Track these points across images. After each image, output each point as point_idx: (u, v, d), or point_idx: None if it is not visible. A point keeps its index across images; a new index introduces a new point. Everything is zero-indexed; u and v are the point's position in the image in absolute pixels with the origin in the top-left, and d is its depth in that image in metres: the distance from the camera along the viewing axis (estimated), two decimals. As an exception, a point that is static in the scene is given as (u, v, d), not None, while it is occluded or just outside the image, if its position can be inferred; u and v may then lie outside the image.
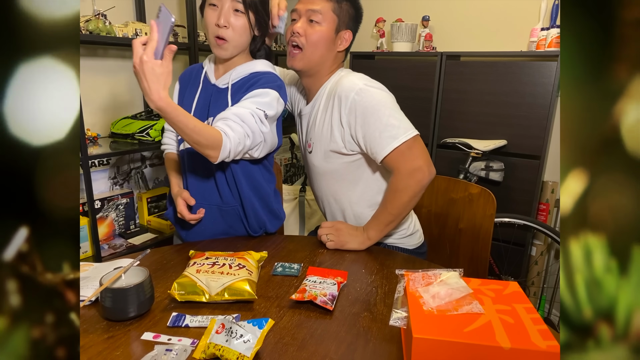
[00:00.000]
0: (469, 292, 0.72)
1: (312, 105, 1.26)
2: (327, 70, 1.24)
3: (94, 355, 0.70)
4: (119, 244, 1.91)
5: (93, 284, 0.90)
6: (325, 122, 1.20)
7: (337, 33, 1.19)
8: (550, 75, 1.92)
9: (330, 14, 1.17)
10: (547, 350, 0.58)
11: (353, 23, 1.22)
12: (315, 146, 1.24)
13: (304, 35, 1.17)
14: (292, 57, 1.21)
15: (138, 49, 0.87)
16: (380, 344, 0.75)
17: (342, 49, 1.22)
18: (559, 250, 2.22)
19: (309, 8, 1.17)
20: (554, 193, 2.18)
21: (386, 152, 1.10)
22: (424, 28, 2.31)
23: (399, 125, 1.10)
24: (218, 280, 0.86)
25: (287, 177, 2.69)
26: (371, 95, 1.12)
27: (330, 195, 1.30)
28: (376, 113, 1.11)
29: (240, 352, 0.67)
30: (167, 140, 1.34)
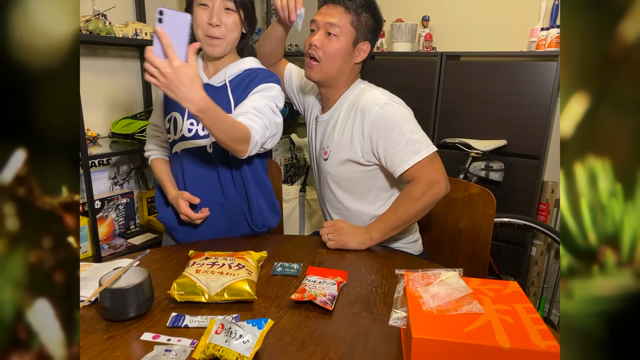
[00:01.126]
0: (468, 292, 0.72)
1: (331, 113, 1.28)
2: (345, 82, 1.25)
3: (93, 356, 0.70)
4: (119, 244, 1.91)
5: (92, 284, 0.90)
6: (345, 131, 1.21)
7: (354, 46, 1.20)
8: (550, 75, 1.92)
9: (348, 27, 1.17)
10: (547, 351, 0.58)
11: (372, 34, 1.22)
12: (332, 154, 1.25)
13: (321, 48, 1.18)
14: (309, 69, 1.22)
15: (156, 60, 0.81)
16: (380, 344, 0.75)
17: (359, 60, 1.23)
18: (559, 250, 2.22)
19: (327, 21, 1.17)
20: (554, 193, 2.18)
21: (407, 166, 1.13)
22: (424, 28, 2.31)
23: (421, 141, 1.14)
24: (217, 281, 0.86)
25: (287, 177, 2.69)
26: (395, 110, 1.15)
27: (340, 203, 1.31)
28: (399, 127, 1.13)
29: (239, 353, 0.66)
30: (151, 146, 1.32)
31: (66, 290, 0.48)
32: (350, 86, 1.26)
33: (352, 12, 1.17)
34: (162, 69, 0.82)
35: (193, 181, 1.21)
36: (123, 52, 2.00)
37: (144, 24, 1.83)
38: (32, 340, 0.47)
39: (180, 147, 1.21)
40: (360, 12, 1.17)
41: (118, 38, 1.70)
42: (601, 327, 0.43)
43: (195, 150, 1.19)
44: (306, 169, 2.40)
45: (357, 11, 1.17)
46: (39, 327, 0.47)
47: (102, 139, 1.93)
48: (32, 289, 0.47)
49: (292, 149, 2.52)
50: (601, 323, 0.43)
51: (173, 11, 0.83)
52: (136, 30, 1.77)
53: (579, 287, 0.44)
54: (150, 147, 1.33)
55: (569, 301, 0.44)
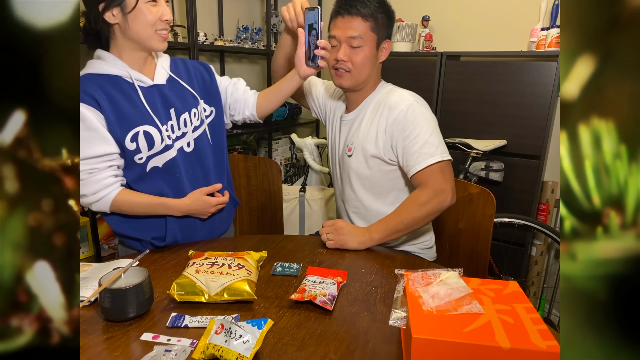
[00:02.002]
0: (468, 292, 0.72)
1: (357, 112, 1.31)
2: (372, 82, 1.29)
3: (93, 356, 0.70)
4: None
5: (92, 284, 0.90)
6: (371, 128, 1.23)
7: (378, 48, 1.23)
8: (550, 75, 1.92)
9: (370, 34, 1.19)
10: (547, 351, 0.58)
11: (389, 30, 1.24)
12: (356, 150, 1.27)
13: (348, 60, 1.20)
14: (339, 77, 1.24)
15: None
16: (380, 344, 0.75)
17: (384, 59, 1.27)
18: (559, 250, 2.22)
19: (348, 35, 1.18)
20: (554, 193, 2.18)
21: (421, 167, 1.14)
22: (424, 28, 2.31)
23: (437, 145, 1.16)
24: (217, 281, 0.86)
25: (287, 177, 2.69)
26: (420, 112, 1.18)
27: (360, 202, 1.32)
28: (419, 128, 1.16)
29: (239, 353, 0.66)
30: (107, 181, 1.06)
31: (66, 253, 0.48)
32: (377, 87, 1.30)
33: (370, 18, 1.17)
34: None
35: (184, 185, 1.16)
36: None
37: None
38: (32, 303, 0.47)
39: (164, 158, 1.11)
40: (377, 15, 1.18)
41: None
42: (604, 290, 0.43)
43: (179, 154, 1.14)
44: (306, 169, 2.40)
45: (374, 15, 1.18)
46: (39, 289, 0.47)
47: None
48: (31, 251, 0.46)
49: (292, 149, 2.52)
50: (604, 286, 0.43)
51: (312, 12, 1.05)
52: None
53: (582, 250, 0.44)
54: (104, 184, 1.06)
55: (572, 263, 0.44)
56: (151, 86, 1.12)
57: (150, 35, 1.05)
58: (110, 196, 1.07)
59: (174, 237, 1.16)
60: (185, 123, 1.16)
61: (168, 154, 1.12)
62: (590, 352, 0.43)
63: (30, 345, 0.46)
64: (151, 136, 1.09)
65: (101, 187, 1.05)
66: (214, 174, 1.25)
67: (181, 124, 1.15)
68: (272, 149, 2.62)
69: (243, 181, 1.71)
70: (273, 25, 2.58)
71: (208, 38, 2.23)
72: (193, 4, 1.98)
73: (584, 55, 0.43)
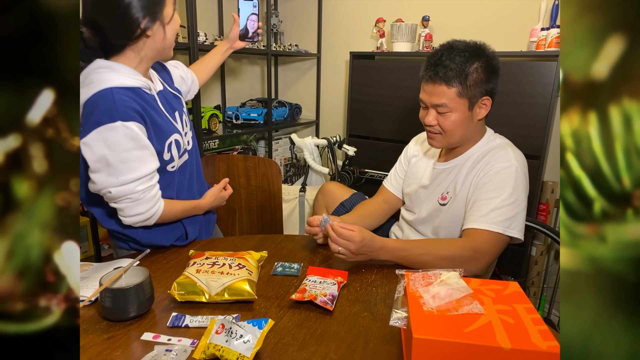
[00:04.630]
0: (469, 293, 0.72)
1: (457, 162, 1.21)
2: (474, 137, 1.20)
3: (93, 356, 0.70)
4: (118, 244, 1.91)
5: (93, 284, 0.90)
6: (470, 180, 1.15)
7: (472, 109, 1.12)
8: (550, 75, 1.92)
9: (458, 100, 1.09)
10: (547, 351, 0.58)
11: (489, 83, 1.12)
12: (453, 201, 1.18)
13: (437, 124, 1.13)
14: (432, 139, 1.18)
15: None
16: (380, 344, 0.75)
17: (482, 116, 1.15)
18: (558, 250, 2.22)
19: (433, 103, 1.11)
20: (554, 193, 2.18)
21: (476, 227, 1.05)
22: (424, 28, 2.31)
23: (509, 218, 1.05)
24: (218, 280, 0.86)
25: (287, 177, 2.69)
26: (515, 176, 1.08)
27: (420, 235, 1.29)
28: (502, 191, 1.07)
29: (240, 353, 0.66)
30: (158, 194, 1.05)
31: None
32: (483, 138, 1.20)
33: (456, 84, 1.07)
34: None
35: (191, 183, 1.21)
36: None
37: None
38: (60, 283, 0.47)
39: (181, 161, 1.15)
40: (466, 77, 1.07)
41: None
42: (635, 272, 0.43)
43: (189, 152, 1.20)
44: (306, 169, 2.40)
45: (461, 77, 1.07)
46: (67, 269, 0.47)
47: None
48: (59, 231, 0.46)
49: (292, 149, 2.52)
50: (634, 268, 0.43)
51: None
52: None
53: (612, 232, 0.44)
54: (157, 196, 1.04)
55: (601, 245, 0.44)
56: (158, 93, 1.10)
57: (172, 43, 1.07)
58: (160, 210, 1.05)
59: (194, 234, 1.19)
60: (186, 123, 1.19)
61: (185, 156, 1.17)
62: (618, 334, 0.43)
63: (58, 325, 0.46)
64: (179, 143, 1.11)
65: (154, 203, 1.03)
66: (200, 164, 1.30)
67: (184, 124, 1.17)
68: (272, 149, 2.62)
69: (242, 181, 1.71)
70: (273, 25, 2.58)
71: (208, 38, 2.23)
72: (193, 4, 1.98)
73: (613, 35, 0.43)
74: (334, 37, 2.76)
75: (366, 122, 2.42)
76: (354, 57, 2.44)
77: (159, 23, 1.00)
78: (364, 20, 2.61)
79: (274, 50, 2.48)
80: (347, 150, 2.36)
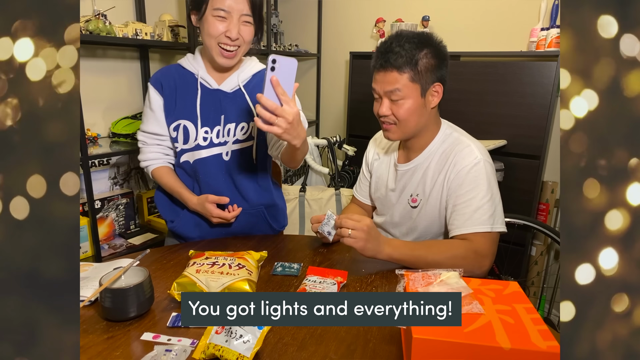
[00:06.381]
0: (469, 292, 0.72)
1: (419, 161, 1.20)
2: (429, 128, 1.18)
3: (93, 356, 0.70)
4: (119, 244, 1.91)
5: (93, 284, 0.90)
6: (438, 180, 1.15)
7: (424, 96, 1.11)
8: (550, 75, 1.92)
9: (410, 85, 1.08)
10: (547, 351, 0.58)
11: (439, 70, 1.11)
12: (424, 203, 1.18)
13: (391, 114, 1.12)
14: (386, 131, 1.16)
15: (278, 108, 0.86)
16: (380, 344, 0.75)
17: (435, 103, 1.14)
18: (558, 250, 2.22)
19: (386, 90, 1.10)
20: (554, 193, 2.18)
21: (467, 232, 1.06)
22: (424, 28, 2.31)
23: (492, 214, 1.07)
24: (218, 280, 0.86)
25: (287, 177, 2.69)
26: (484, 172, 1.09)
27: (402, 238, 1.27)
28: (477, 191, 1.07)
29: (240, 353, 0.67)
30: (152, 155, 1.24)
31: None
32: (439, 132, 1.19)
33: (407, 69, 1.07)
34: (286, 117, 0.87)
35: (210, 190, 1.19)
36: (123, 52, 2.00)
37: (144, 24, 1.83)
38: None
39: (193, 156, 1.18)
40: (416, 62, 1.07)
41: (118, 38, 1.70)
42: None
43: (211, 159, 1.18)
44: (306, 169, 2.40)
45: (412, 63, 1.07)
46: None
47: (102, 139, 1.93)
48: None
49: (292, 149, 2.52)
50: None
51: (284, 58, 0.88)
52: (136, 30, 1.77)
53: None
54: (150, 157, 1.24)
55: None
56: (214, 89, 1.17)
57: (212, 46, 1.10)
58: (150, 168, 1.25)
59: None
60: (229, 133, 1.18)
61: (198, 153, 1.18)
62: None
63: None
64: (188, 132, 1.17)
65: (147, 158, 1.25)
66: (252, 190, 1.24)
67: (225, 132, 1.17)
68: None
69: (243, 181, 1.71)
70: (273, 26, 2.58)
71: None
72: (193, 4, 1.98)
73: None
74: (334, 37, 2.77)
75: (366, 122, 2.42)
76: (354, 57, 2.44)
77: (196, 16, 1.11)
78: (364, 20, 2.61)
79: (274, 50, 2.48)
80: (347, 150, 2.36)
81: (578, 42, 0.52)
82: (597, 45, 0.52)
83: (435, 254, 1.03)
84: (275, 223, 1.32)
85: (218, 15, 1.06)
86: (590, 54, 0.52)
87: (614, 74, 0.52)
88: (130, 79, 2.05)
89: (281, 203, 1.35)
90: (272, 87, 0.86)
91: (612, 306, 0.54)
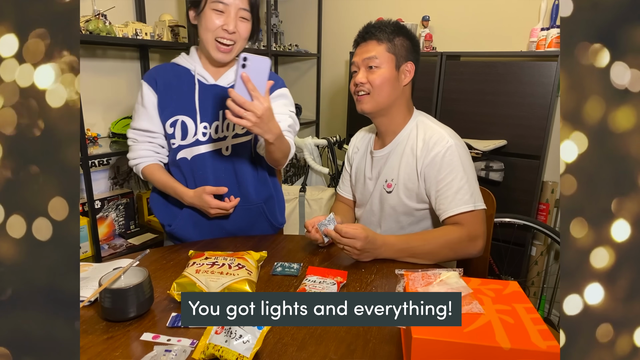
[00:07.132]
0: (468, 292, 0.72)
1: (392, 146, 1.25)
2: (401, 110, 1.23)
3: (93, 356, 0.70)
4: (119, 244, 1.91)
5: (92, 284, 0.90)
6: (409, 167, 1.20)
7: (398, 69, 1.19)
8: (550, 75, 1.92)
9: (386, 55, 1.18)
10: (547, 351, 0.58)
11: (412, 54, 1.21)
12: (397, 187, 1.22)
13: (367, 82, 1.19)
14: (360, 102, 1.22)
15: (247, 103, 0.92)
16: (380, 344, 0.75)
17: (407, 82, 1.21)
18: (558, 250, 2.22)
19: (364, 57, 1.19)
20: (554, 193, 2.18)
21: (454, 213, 1.11)
22: (424, 28, 2.31)
23: (472, 193, 1.12)
24: (217, 281, 0.86)
25: (287, 177, 2.69)
26: (458, 155, 1.14)
27: (390, 230, 1.29)
28: (455, 173, 1.12)
29: (239, 353, 0.66)
30: (143, 152, 1.21)
31: None
32: (411, 118, 1.25)
33: (385, 41, 1.18)
34: (255, 111, 0.93)
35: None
36: (123, 52, 2.00)
37: (143, 24, 1.83)
38: None
39: (192, 152, 1.18)
40: (393, 38, 1.18)
41: (118, 38, 1.70)
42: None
43: (210, 154, 1.18)
44: (306, 169, 2.40)
45: (390, 38, 1.18)
46: None
47: (102, 139, 1.93)
48: None
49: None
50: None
51: (255, 56, 0.93)
52: (136, 30, 1.77)
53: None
54: (141, 154, 1.21)
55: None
56: (212, 84, 1.18)
57: (209, 40, 1.11)
58: (140, 166, 1.22)
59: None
60: (228, 127, 1.18)
61: (197, 149, 1.17)
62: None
63: None
64: (186, 127, 1.16)
65: (137, 156, 1.22)
66: (252, 185, 1.24)
67: (224, 127, 1.17)
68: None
69: (243, 181, 1.71)
70: (273, 26, 2.58)
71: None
72: (193, 4, 1.98)
73: None
74: (334, 37, 2.77)
75: (366, 122, 2.42)
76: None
77: (194, 12, 1.12)
78: (364, 20, 2.59)
79: (274, 50, 2.48)
80: (347, 150, 2.36)
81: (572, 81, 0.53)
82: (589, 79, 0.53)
83: (431, 242, 1.08)
84: (274, 219, 1.32)
85: (216, 9, 1.08)
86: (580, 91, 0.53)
87: (604, 113, 0.53)
88: (130, 79, 2.05)
89: (279, 195, 1.36)
90: (243, 83, 0.91)
91: (597, 336, 0.55)
